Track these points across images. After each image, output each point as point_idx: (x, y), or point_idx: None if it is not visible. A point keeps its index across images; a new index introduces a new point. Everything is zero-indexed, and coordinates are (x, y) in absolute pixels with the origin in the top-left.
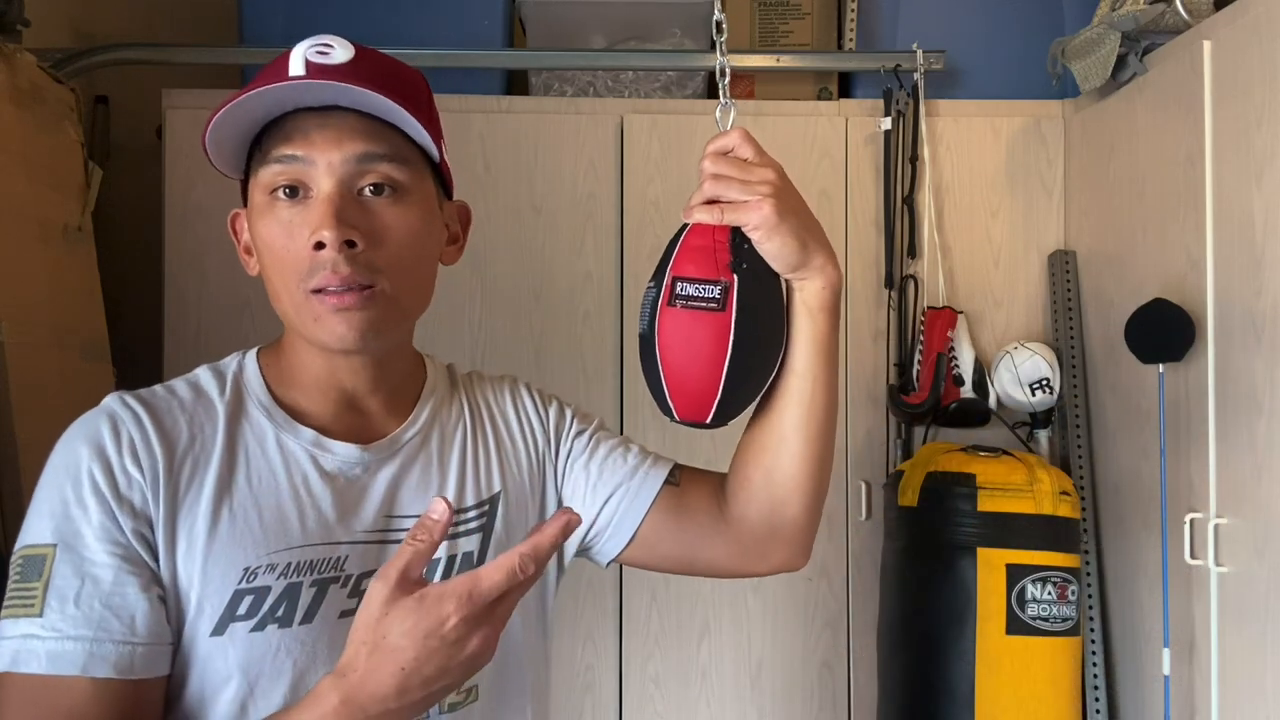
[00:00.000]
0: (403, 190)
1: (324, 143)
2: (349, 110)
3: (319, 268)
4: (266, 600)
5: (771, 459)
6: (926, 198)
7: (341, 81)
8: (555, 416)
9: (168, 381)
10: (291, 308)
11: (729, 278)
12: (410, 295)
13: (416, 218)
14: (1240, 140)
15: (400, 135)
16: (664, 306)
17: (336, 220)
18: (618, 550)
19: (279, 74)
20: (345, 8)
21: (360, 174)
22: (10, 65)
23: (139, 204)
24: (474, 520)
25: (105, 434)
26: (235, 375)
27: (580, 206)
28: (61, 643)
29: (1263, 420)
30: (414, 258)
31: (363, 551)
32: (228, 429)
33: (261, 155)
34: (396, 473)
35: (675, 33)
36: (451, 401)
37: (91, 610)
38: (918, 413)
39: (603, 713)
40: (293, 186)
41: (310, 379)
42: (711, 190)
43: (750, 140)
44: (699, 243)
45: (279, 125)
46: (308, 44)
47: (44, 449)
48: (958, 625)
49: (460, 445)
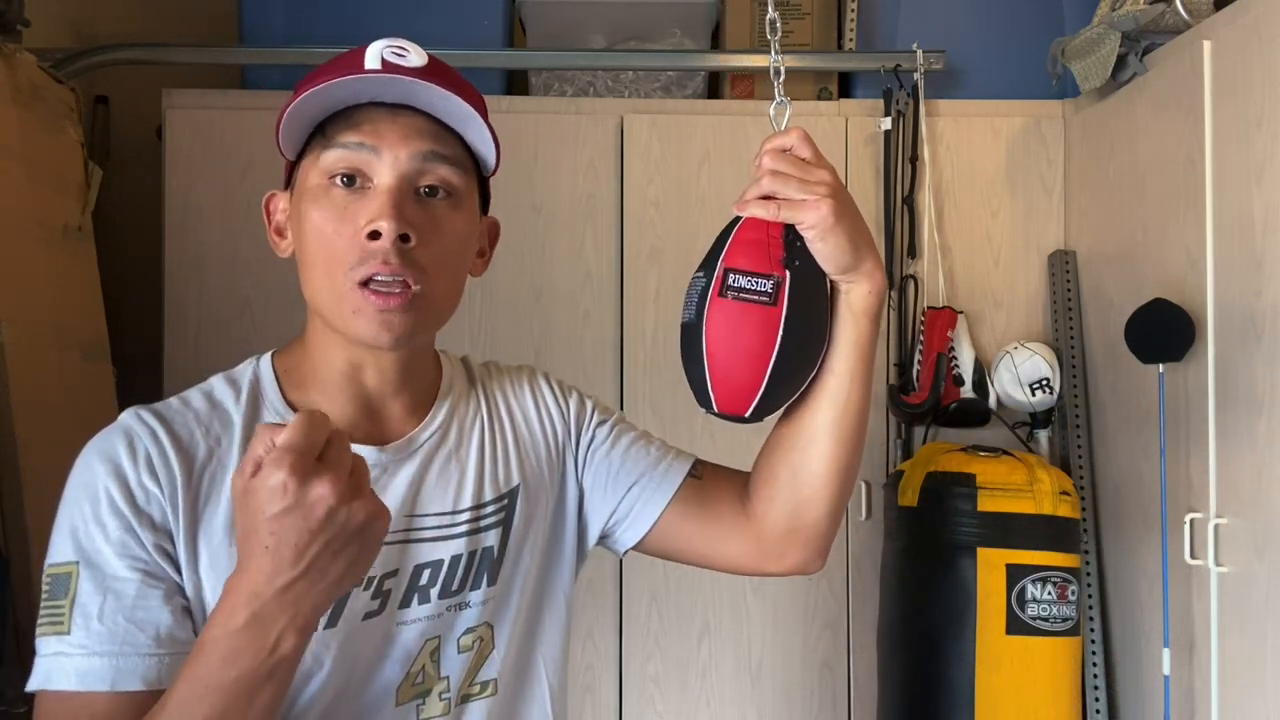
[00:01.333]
0: (457, 196)
1: (392, 136)
2: (418, 112)
3: (370, 257)
4: None
5: (800, 458)
6: (926, 198)
7: (420, 79)
8: (576, 407)
9: (182, 393)
10: (332, 296)
11: (781, 273)
12: (445, 299)
13: (464, 224)
14: (1240, 140)
15: (460, 143)
16: (714, 297)
17: (396, 212)
18: (636, 539)
19: (355, 67)
20: (345, 8)
21: (421, 172)
22: (10, 65)
23: (139, 204)
24: (493, 514)
25: (121, 451)
26: (251, 383)
27: (580, 206)
28: (89, 659)
29: (1263, 420)
30: (456, 262)
31: (384, 552)
32: (243, 439)
33: (325, 140)
34: (416, 472)
35: (675, 33)
36: (469, 397)
37: (116, 625)
38: (918, 413)
39: (603, 713)
40: (351, 175)
41: (331, 379)
42: (770, 186)
43: (809, 141)
44: (752, 236)
45: (347, 115)
46: (383, 44)
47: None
48: (958, 625)
49: (479, 440)
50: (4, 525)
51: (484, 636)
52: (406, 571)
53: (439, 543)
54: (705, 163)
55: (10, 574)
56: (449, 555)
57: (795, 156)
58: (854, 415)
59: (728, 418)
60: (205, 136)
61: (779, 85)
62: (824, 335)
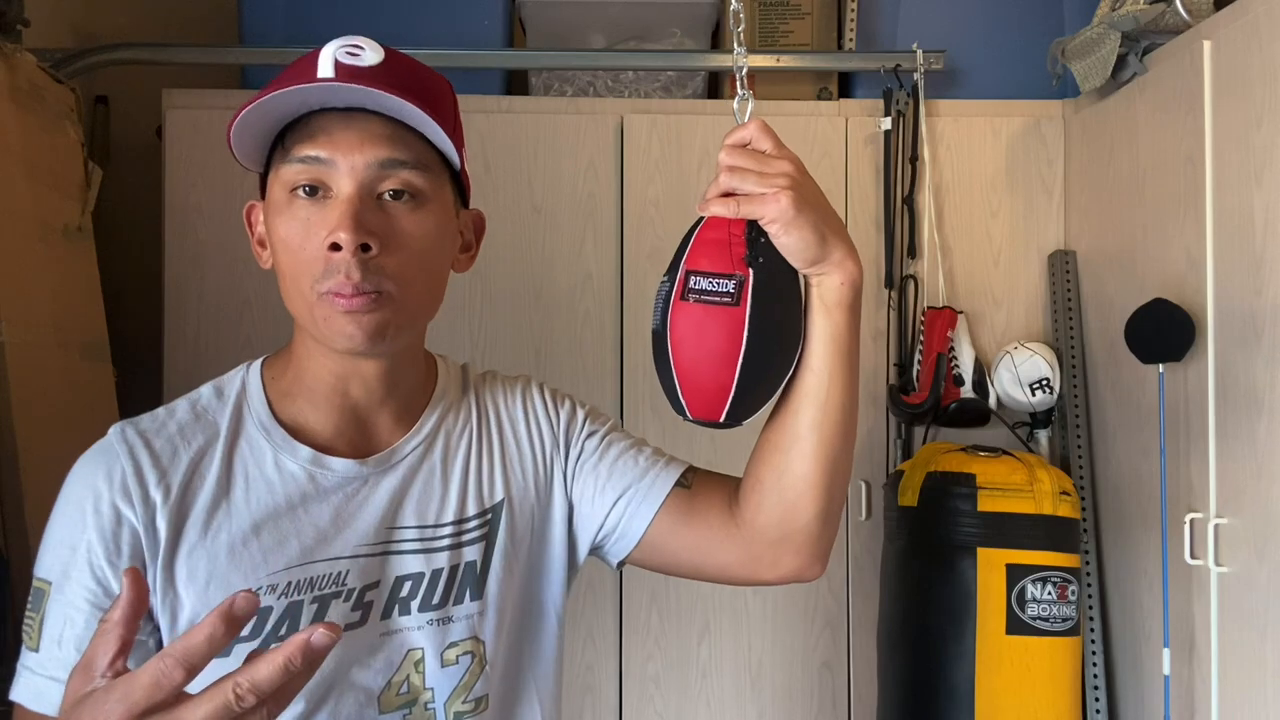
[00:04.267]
0: (422, 197)
1: (347, 145)
2: (374, 113)
3: (333, 270)
4: (269, 620)
5: (784, 459)
6: (926, 198)
7: (369, 85)
8: (566, 418)
9: (171, 403)
10: (304, 307)
11: (744, 271)
12: (419, 302)
13: (433, 225)
14: (1240, 140)
15: (423, 141)
16: (676, 301)
17: (354, 223)
18: (626, 552)
19: (307, 73)
20: (345, 8)
21: (381, 178)
22: (10, 65)
23: (139, 204)
24: (475, 529)
25: (100, 474)
26: (238, 394)
27: (580, 206)
28: (46, 682)
29: (1263, 420)
30: (426, 265)
31: (364, 565)
32: (225, 453)
33: (284, 152)
34: (398, 484)
35: (675, 33)
36: (460, 407)
37: (69, 655)
38: (918, 413)
39: (603, 713)
40: (313, 186)
41: (318, 389)
42: (727, 182)
43: (769, 132)
44: (714, 236)
45: (303, 123)
46: (338, 44)
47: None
48: (958, 625)
49: (465, 453)
50: (4, 525)
51: (475, 652)
52: (387, 583)
53: (419, 555)
54: (705, 163)
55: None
56: (430, 569)
57: (754, 150)
58: (837, 413)
59: (703, 424)
60: (205, 136)
61: (741, 78)
62: (798, 332)
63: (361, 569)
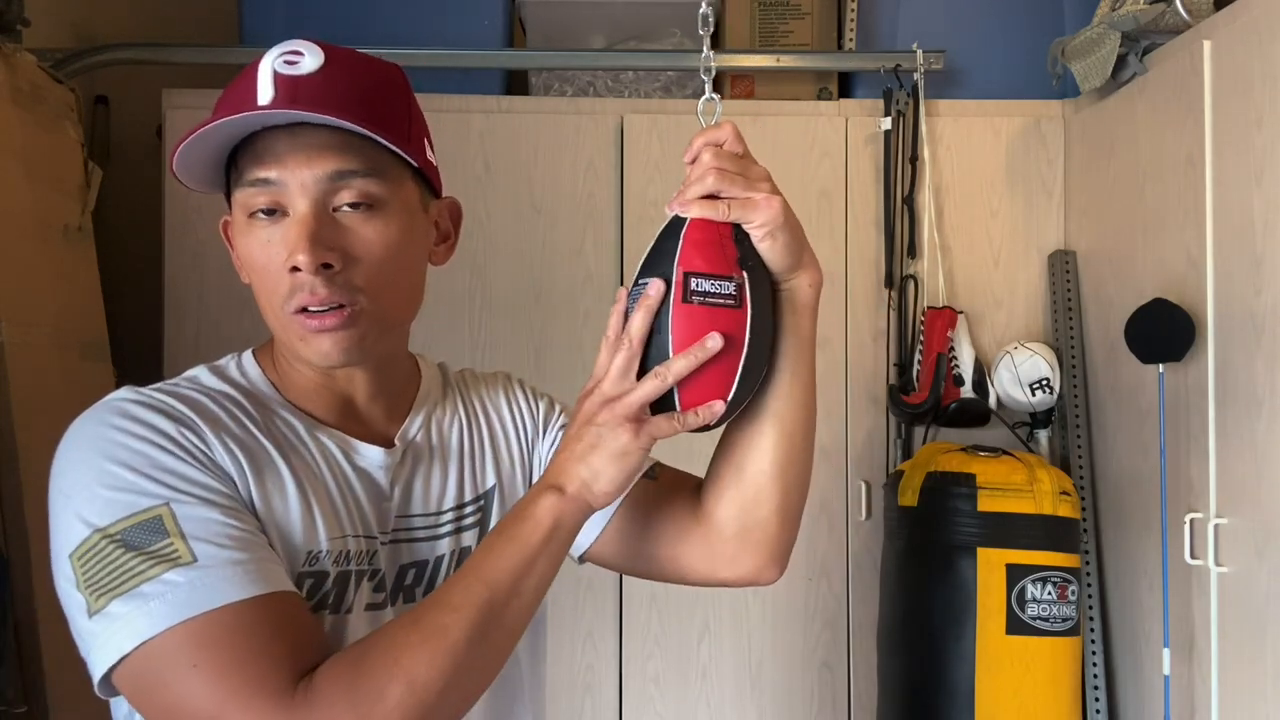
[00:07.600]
0: (380, 204)
1: (295, 162)
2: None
3: (298, 289)
4: (324, 586)
5: (742, 454)
6: (926, 198)
7: (306, 106)
8: (545, 409)
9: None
10: (279, 324)
11: (740, 274)
12: (394, 307)
13: (396, 230)
14: (1240, 140)
15: (375, 144)
16: (677, 303)
17: (311, 244)
18: (588, 543)
19: (247, 91)
20: (345, 7)
21: (334, 191)
22: (10, 65)
23: (139, 204)
24: (471, 515)
25: (150, 413)
26: (242, 377)
27: (580, 206)
28: (235, 567)
29: (1263, 420)
30: (394, 271)
31: (389, 550)
32: (262, 421)
33: (237, 175)
34: (407, 475)
35: (675, 33)
36: (445, 401)
37: (241, 535)
38: (918, 413)
39: (603, 713)
40: (269, 208)
41: (310, 385)
42: (716, 185)
43: (740, 136)
44: (704, 237)
45: (250, 144)
46: (276, 53)
47: (44, 449)
48: (957, 625)
49: (457, 443)
50: (4, 525)
51: None
52: (395, 570)
53: (426, 543)
54: None
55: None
56: (434, 556)
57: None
58: (797, 409)
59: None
60: None
61: (709, 82)
62: (773, 335)
63: (387, 554)
